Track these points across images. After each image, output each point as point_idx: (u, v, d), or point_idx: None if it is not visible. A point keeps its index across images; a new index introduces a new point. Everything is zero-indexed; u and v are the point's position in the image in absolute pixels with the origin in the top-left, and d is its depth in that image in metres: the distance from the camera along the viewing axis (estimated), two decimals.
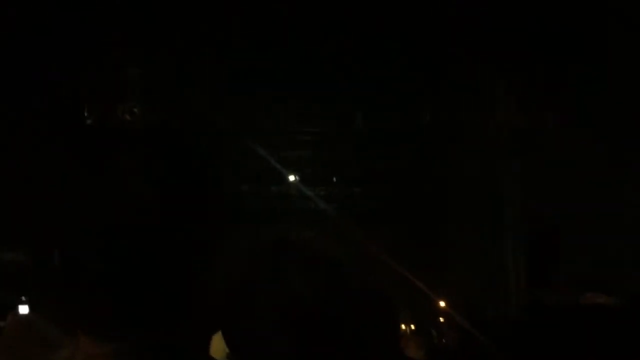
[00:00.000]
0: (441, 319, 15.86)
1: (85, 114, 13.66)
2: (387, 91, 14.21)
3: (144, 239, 1.35)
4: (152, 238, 1.35)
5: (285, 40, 13.09)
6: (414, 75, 13.82)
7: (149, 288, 1.34)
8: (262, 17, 12.70)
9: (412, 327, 14.32)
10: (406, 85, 14.03)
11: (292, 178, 17.37)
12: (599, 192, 13.04)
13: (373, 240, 15.56)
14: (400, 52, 13.47)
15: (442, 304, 16.15)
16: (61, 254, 1.43)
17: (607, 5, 11.91)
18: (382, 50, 13.52)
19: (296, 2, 12.40)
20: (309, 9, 12.59)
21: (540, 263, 14.18)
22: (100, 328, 1.34)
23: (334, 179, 17.86)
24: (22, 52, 12.28)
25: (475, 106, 14.24)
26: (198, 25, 12.89)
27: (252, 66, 13.55)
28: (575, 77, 13.13)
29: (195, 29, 12.96)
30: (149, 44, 12.90)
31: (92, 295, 1.36)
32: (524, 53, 13.16)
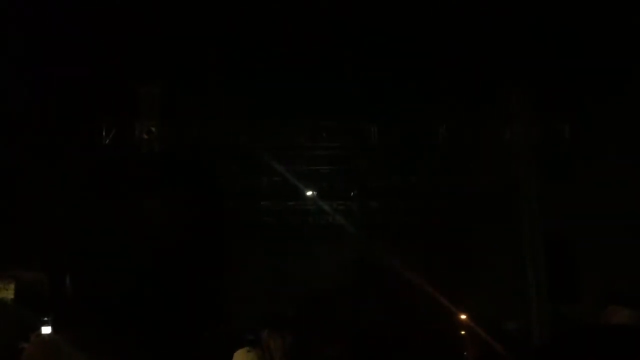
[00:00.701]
0: (463, 332, 15.79)
1: (103, 134, 13.77)
2: (403, 106, 14.23)
3: (158, 263, 1.36)
4: (166, 262, 1.36)
5: (300, 58, 13.15)
6: (430, 91, 13.83)
7: (163, 311, 1.35)
8: (278, 35, 12.77)
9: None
10: (422, 100, 14.04)
11: (309, 193, 17.39)
12: (618, 205, 12.94)
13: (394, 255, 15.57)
14: (415, 68, 13.49)
15: (463, 317, 16.08)
16: (72, 278, 1.45)
17: (623, 19, 11.88)
18: (398, 65, 13.55)
19: (312, 21, 12.46)
20: (326, 25, 12.65)
21: (561, 277, 14.08)
22: (115, 350, 1.36)
23: (352, 194, 17.87)
24: (41, 72, 12.41)
25: (491, 120, 14.23)
26: (215, 45, 12.98)
27: (269, 83, 13.62)
28: (592, 90, 13.09)
29: (212, 48, 13.05)
30: (167, 64, 12.99)
31: (103, 319, 1.37)
32: (540, 67, 13.13)
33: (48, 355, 2.61)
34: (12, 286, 13.40)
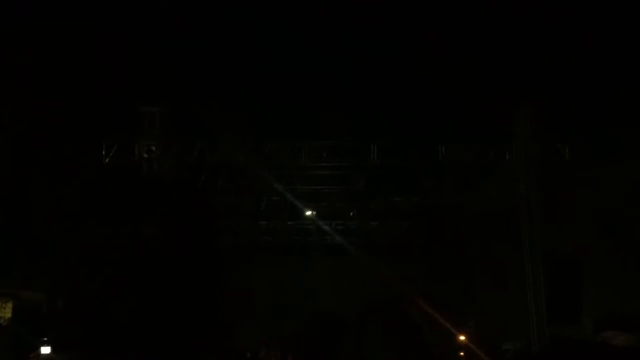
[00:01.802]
0: (462, 354, 15.71)
1: (103, 153, 13.78)
2: (401, 125, 14.25)
3: (157, 282, 1.36)
4: (165, 281, 1.36)
5: (301, 79, 13.20)
6: (430, 110, 13.86)
7: (162, 330, 1.35)
8: (279, 55, 12.82)
9: None
10: (421, 119, 14.06)
11: (309, 213, 17.36)
12: (620, 226, 12.95)
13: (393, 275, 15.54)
14: (416, 87, 13.52)
15: (462, 338, 16.01)
16: (65, 299, 1.45)
17: (623, 37, 11.94)
18: (398, 85, 13.59)
19: (313, 41, 12.51)
20: (327, 45, 12.71)
21: (561, 297, 14.02)
22: None
23: (351, 214, 17.83)
24: (44, 90, 12.45)
25: (492, 139, 14.23)
26: (216, 66, 13.03)
27: (269, 104, 13.66)
28: (593, 108, 13.11)
29: (213, 67, 13.10)
30: (169, 85, 13.02)
31: (101, 339, 1.37)
32: (541, 85, 13.17)
33: None
34: (9, 305, 13.33)
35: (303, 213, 17.33)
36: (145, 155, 13.74)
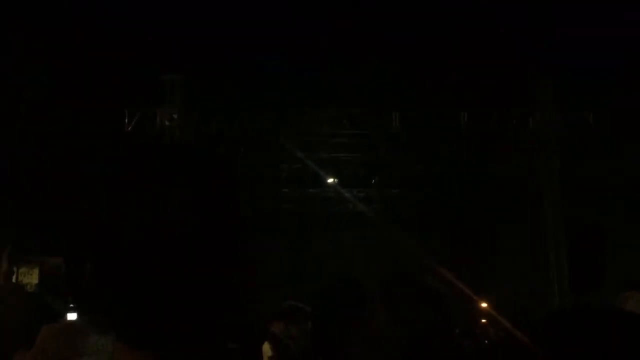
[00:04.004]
0: (483, 320, 15.75)
1: (126, 120, 13.83)
2: (425, 93, 14.17)
3: (177, 250, 1.38)
4: (186, 248, 1.38)
5: (322, 46, 13.14)
6: (452, 78, 13.76)
7: (182, 299, 1.37)
8: (300, 24, 12.75)
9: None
10: (444, 87, 13.97)
11: (330, 180, 17.38)
12: None
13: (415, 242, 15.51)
14: (438, 55, 13.42)
15: (484, 305, 16.03)
16: (93, 265, 1.47)
17: None
18: (420, 52, 13.49)
19: (333, 9, 12.42)
20: (347, 13, 12.62)
21: (583, 263, 13.98)
22: (133, 337, 1.37)
23: (373, 181, 17.81)
24: (64, 57, 12.49)
25: (514, 107, 14.14)
26: (237, 34, 12.99)
27: (290, 71, 13.64)
28: (616, 77, 12.97)
29: (235, 38, 13.07)
30: (190, 52, 13.02)
31: (124, 305, 1.39)
32: (563, 52, 13.03)
33: (63, 339, 2.56)
34: (36, 271, 13.56)
35: (324, 181, 17.33)
36: (167, 123, 13.79)
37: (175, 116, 13.86)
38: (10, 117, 11.88)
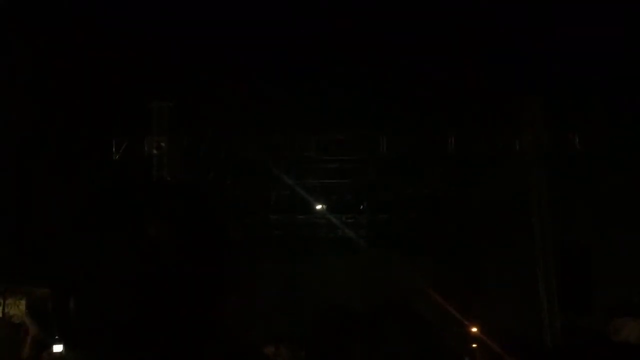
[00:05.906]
0: (474, 345, 15.69)
1: (113, 149, 13.79)
2: (412, 116, 14.20)
3: (161, 286, 1.37)
4: (169, 284, 1.38)
5: (309, 71, 13.18)
6: (440, 101, 13.81)
7: (166, 334, 1.37)
8: (287, 49, 12.80)
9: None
10: (430, 109, 14.01)
11: (319, 207, 17.33)
12: (631, 216, 12.90)
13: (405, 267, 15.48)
14: (425, 78, 13.48)
15: (474, 329, 15.98)
16: (76, 301, 1.46)
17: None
18: (407, 76, 13.55)
19: (321, 34, 12.48)
20: (335, 37, 12.68)
21: (573, 287, 13.98)
22: None
23: (362, 207, 17.78)
24: (51, 87, 12.47)
25: (501, 130, 14.18)
26: (223, 59, 13.02)
27: (278, 96, 13.65)
28: (603, 99, 13.06)
29: (221, 63, 13.10)
30: (178, 80, 13.04)
31: (107, 340, 1.38)
32: (551, 75, 13.12)
33: None
34: (23, 302, 13.39)
35: (313, 207, 17.29)
36: (155, 152, 13.75)
37: (163, 144, 13.83)
38: None
